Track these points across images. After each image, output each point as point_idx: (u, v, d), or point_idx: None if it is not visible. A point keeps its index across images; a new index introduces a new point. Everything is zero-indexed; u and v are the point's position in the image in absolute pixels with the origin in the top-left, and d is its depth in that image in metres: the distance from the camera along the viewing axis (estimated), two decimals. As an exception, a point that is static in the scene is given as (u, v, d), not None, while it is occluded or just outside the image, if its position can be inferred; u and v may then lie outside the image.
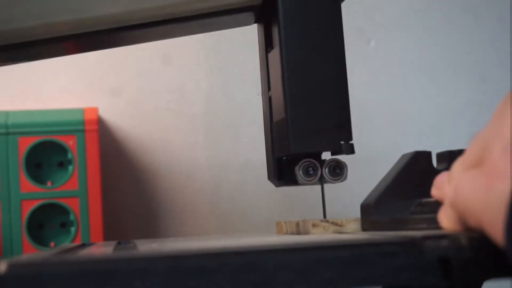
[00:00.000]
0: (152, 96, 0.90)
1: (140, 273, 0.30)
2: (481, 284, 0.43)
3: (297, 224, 0.56)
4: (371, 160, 0.91)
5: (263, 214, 0.90)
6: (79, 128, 0.80)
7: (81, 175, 0.79)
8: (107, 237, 0.82)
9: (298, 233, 0.55)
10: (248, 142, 0.91)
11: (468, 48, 0.96)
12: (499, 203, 0.31)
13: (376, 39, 0.96)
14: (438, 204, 0.41)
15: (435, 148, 0.52)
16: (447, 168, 0.49)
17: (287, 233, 0.59)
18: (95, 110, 0.82)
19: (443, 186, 0.41)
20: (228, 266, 0.31)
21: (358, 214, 0.55)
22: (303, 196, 0.91)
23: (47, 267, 0.30)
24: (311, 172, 0.53)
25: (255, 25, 0.61)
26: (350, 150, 0.52)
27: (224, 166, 0.91)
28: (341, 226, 0.52)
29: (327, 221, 0.53)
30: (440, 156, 0.50)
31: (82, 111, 0.81)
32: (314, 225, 0.52)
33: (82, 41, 0.52)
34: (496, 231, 0.31)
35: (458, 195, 0.35)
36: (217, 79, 0.91)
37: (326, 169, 0.54)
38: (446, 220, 0.39)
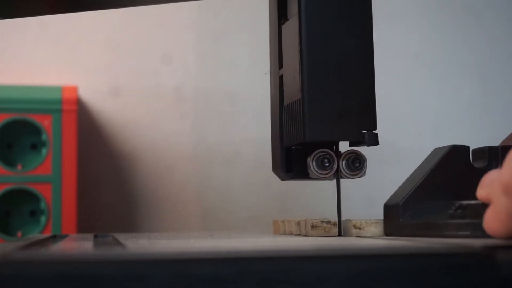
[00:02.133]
0: (137, 78, 0.84)
1: (135, 280, 0.23)
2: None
3: (298, 223, 0.49)
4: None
5: (252, 210, 0.86)
6: (56, 108, 0.75)
7: (55, 159, 0.74)
8: (80, 228, 0.76)
9: (299, 234, 0.49)
10: (238, 132, 0.87)
11: (470, 47, 0.92)
12: None
13: (378, 33, 0.90)
14: (484, 207, 0.34)
15: (432, 147, 0.46)
16: (487, 166, 0.43)
17: (284, 233, 0.52)
18: (74, 89, 0.77)
19: (492, 184, 0.34)
20: (253, 275, 0.24)
21: (352, 213, 0.49)
22: (296, 191, 0.86)
23: (9, 267, 0.22)
24: (327, 164, 0.46)
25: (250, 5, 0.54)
26: (374, 140, 0.45)
27: (212, 157, 0.86)
28: (360, 229, 0.45)
29: (329, 222, 0.47)
30: (477, 152, 0.44)
31: (60, 89, 0.76)
32: (313, 226, 0.46)
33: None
34: None
35: None
36: (208, 62, 0.86)
37: (344, 162, 0.47)
38: (497, 220, 0.31)
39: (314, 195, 0.85)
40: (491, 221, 0.31)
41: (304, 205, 0.87)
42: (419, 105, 0.91)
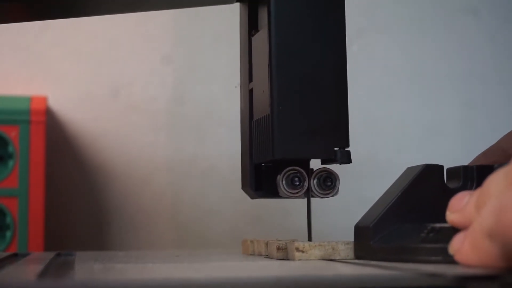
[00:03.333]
0: (110, 88, 0.82)
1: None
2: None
3: (267, 244, 0.48)
4: (345, 172, 0.83)
5: (228, 226, 0.84)
6: (23, 118, 0.72)
7: (22, 172, 0.72)
8: (48, 245, 0.74)
9: (267, 255, 0.47)
10: (214, 145, 0.84)
11: (455, 59, 0.90)
12: None
13: (359, 44, 0.89)
14: (455, 231, 0.34)
15: (415, 161, 0.45)
16: (461, 186, 0.42)
17: (253, 253, 0.51)
18: (43, 99, 0.75)
19: (464, 209, 0.34)
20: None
21: (330, 231, 0.47)
22: (272, 206, 0.84)
23: None
24: (297, 183, 0.44)
25: (231, 9, 0.52)
26: (346, 158, 0.43)
27: (187, 170, 0.84)
28: (302, 252, 0.43)
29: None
30: (451, 172, 0.43)
31: (28, 99, 0.74)
32: (278, 248, 0.45)
33: (32, 4, 0.42)
34: None
35: (505, 219, 0.28)
36: (184, 74, 0.84)
37: (315, 181, 0.45)
38: (477, 257, 0.31)
39: (291, 209, 0.84)
40: (469, 257, 0.31)
41: (281, 220, 0.85)
42: (400, 119, 0.89)
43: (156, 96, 0.84)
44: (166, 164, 0.83)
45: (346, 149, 0.44)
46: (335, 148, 0.44)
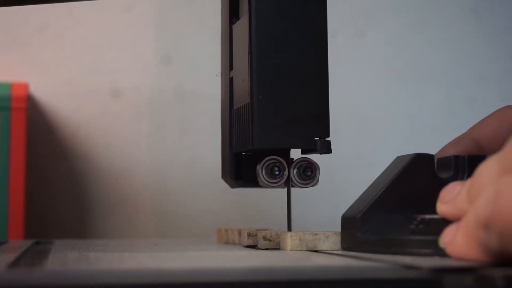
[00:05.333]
0: (93, 76, 0.81)
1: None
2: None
3: (239, 233, 0.48)
4: (330, 166, 0.83)
5: (211, 216, 0.83)
6: (3, 105, 0.72)
7: (2, 160, 0.71)
8: (29, 233, 0.73)
9: (240, 243, 0.48)
10: (197, 135, 0.84)
11: (440, 51, 0.89)
12: None
13: (344, 33, 0.88)
14: (446, 223, 0.32)
15: (403, 153, 0.44)
16: (452, 176, 0.40)
17: (227, 242, 0.51)
18: (24, 85, 0.74)
19: (456, 200, 0.32)
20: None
21: (317, 224, 0.47)
22: (256, 198, 0.83)
23: None
24: (277, 172, 0.44)
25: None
26: (327, 148, 0.43)
27: (170, 160, 0.83)
28: (269, 241, 0.43)
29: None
30: (442, 162, 0.41)
31: (8, 85, 0.73)
32: (249, 235, 0.45)
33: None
34: None
35: (502, 206, 0.27)
36: (168, 61, 0.83)
37: (295, 170, 0.45)
38: (470, 245, 0.29)
39: (274, 201, 0.83)
40: (462, 249, 0.30)
41: (264, 211, 0.84)
42: (386, 111, 0.89)
43: (139, 84, 0.83)
44: (149, 154, 0.83)
45: (326, 139, 0.44)
46: (315, 138, 0.43)
